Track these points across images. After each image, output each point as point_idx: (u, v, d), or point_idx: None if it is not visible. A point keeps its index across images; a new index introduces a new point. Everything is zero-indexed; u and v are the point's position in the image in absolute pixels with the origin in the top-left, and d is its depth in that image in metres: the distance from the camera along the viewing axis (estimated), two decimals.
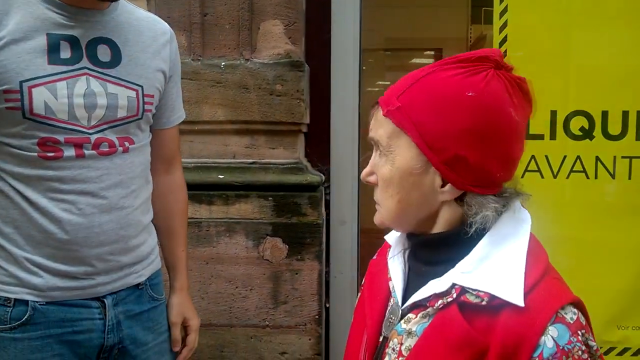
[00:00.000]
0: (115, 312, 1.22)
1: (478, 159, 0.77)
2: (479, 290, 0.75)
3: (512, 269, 0.76)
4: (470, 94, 0.76)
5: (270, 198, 1.91)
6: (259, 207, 1.91)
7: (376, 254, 0.99)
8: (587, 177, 1.82)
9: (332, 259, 2.02)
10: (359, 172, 2.01)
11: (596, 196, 1.83)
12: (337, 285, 2.02)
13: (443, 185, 0.79)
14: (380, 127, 0.83)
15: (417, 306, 0.82)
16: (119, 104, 1.19)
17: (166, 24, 1.35)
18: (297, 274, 1.91)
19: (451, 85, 0.77)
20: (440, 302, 0.78)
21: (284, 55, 1.93)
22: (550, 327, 0.72)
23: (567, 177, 1.83)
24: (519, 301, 0.73)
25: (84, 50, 1.15)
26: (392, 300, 0.87)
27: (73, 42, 1.14)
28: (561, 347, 0.71)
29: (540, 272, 0.76)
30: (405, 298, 0.84)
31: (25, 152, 1.12)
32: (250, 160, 1.95)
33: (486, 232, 0.79)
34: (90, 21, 1.17)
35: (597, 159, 1.82)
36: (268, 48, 1.93)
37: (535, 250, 0.79)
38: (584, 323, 0.75)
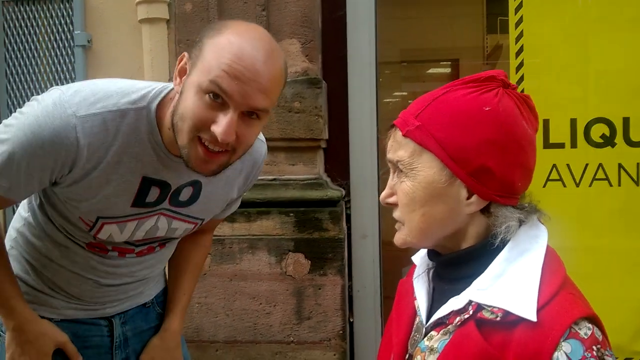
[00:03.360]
0: (122, 330, 1.27)
1: (502, 168, 0.79)
2: (494, 307, 0.77)
3: (526, 284, 0.77)
4: (487, 108, 0.79)
5: (291, 214, 1.92)
6: (280, 224, 1.93)
7: (407, 274, 1.00)
8: (610, 185, 1.80)
9: (355, 273, 2.02)
10: (379, 185, 2.01)
11: (620, 203, 1.80)
12: (360, 299, 2.02)
13: (469, 197, 0.81)
14: (400, 147, 0.84)
15: (439, 324, 0.83)
16: (175, 234, 1.20)
17: (264, 150, 1.23)
18: (320, 289, 1.91)
19: (468, 102, 0.81)
20: (458, 318, 0.80)
21: (302, 73, 1.95)
22: (563, 343, 0.72)
23: (590, 185, 1.81)
24: (532, 316, 0.73)
25: (170, 194, 1.11)
26: (417, 319, 0.89)
27: (164, 187, 1.09)
28: None
29: (556, 288, 0.77)
30: (429, 316, 0.86)
31: (74, 241, 1.15)
32: (271, 177, 1.97)
33: (505, 246, 0.80)
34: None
35: (620, 166, 1.79)
36: None
37: (552, 266, 0.80)
38: (599, 338, 0.75)
